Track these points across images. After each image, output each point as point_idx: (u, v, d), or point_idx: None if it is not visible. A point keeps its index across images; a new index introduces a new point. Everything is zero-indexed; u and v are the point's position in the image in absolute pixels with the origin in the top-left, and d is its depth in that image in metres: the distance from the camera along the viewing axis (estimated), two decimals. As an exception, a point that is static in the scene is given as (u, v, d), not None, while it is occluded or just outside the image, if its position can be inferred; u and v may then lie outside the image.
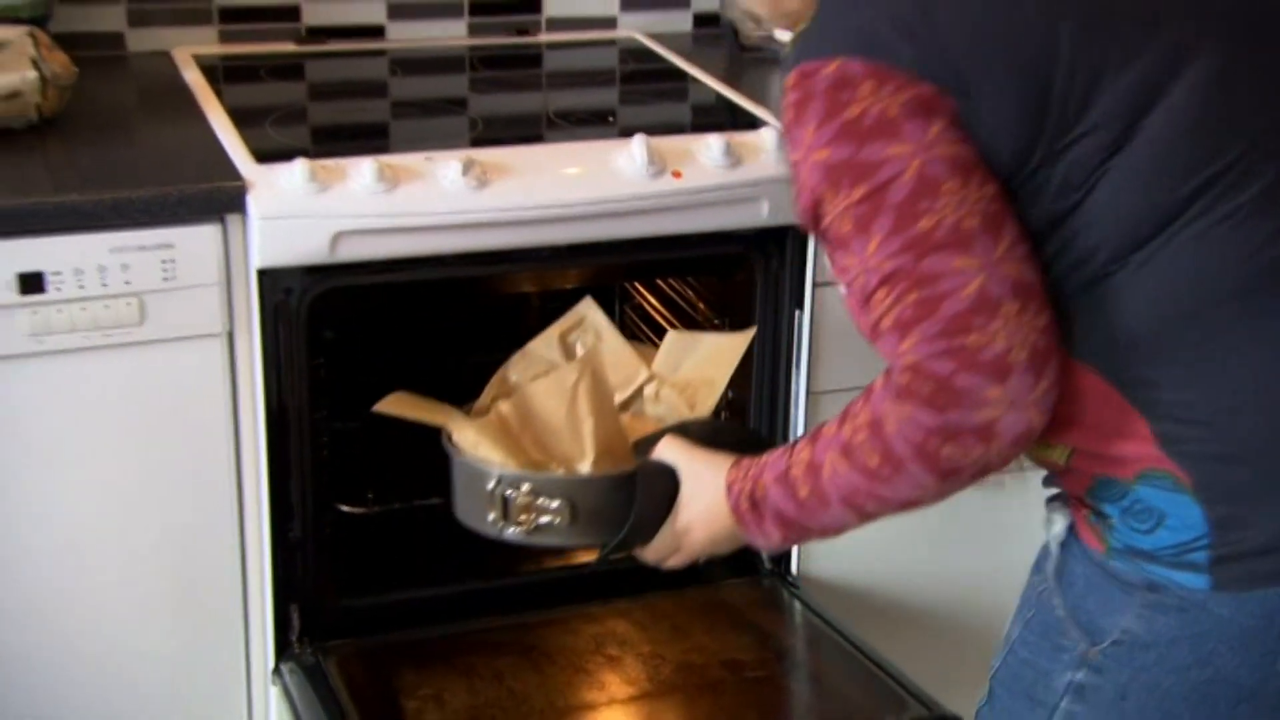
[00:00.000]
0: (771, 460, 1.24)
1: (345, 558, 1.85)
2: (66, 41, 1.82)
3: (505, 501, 1.35)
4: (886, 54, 1.10)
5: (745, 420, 1.79)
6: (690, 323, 1.88)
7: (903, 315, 1.08)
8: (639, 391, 1.63)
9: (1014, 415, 1.07)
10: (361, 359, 1.77)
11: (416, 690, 1.70)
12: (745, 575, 1.92)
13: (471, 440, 1.42)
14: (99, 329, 1.57)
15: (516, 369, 1.62)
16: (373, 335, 1.80)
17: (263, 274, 1.59)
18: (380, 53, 2.21)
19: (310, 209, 1.57)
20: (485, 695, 1.70)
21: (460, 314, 1.87)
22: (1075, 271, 1.12)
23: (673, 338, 1.69)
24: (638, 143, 1.66)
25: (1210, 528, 1.13)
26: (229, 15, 2.12)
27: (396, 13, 2.22)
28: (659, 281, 2.04)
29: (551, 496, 1.34)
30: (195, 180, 1.60)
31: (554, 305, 2.10)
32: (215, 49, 2.11)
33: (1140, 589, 1.19)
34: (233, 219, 1.58)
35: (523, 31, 2.28)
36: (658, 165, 1.69)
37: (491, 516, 1.36)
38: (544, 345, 1.66)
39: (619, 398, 1.66)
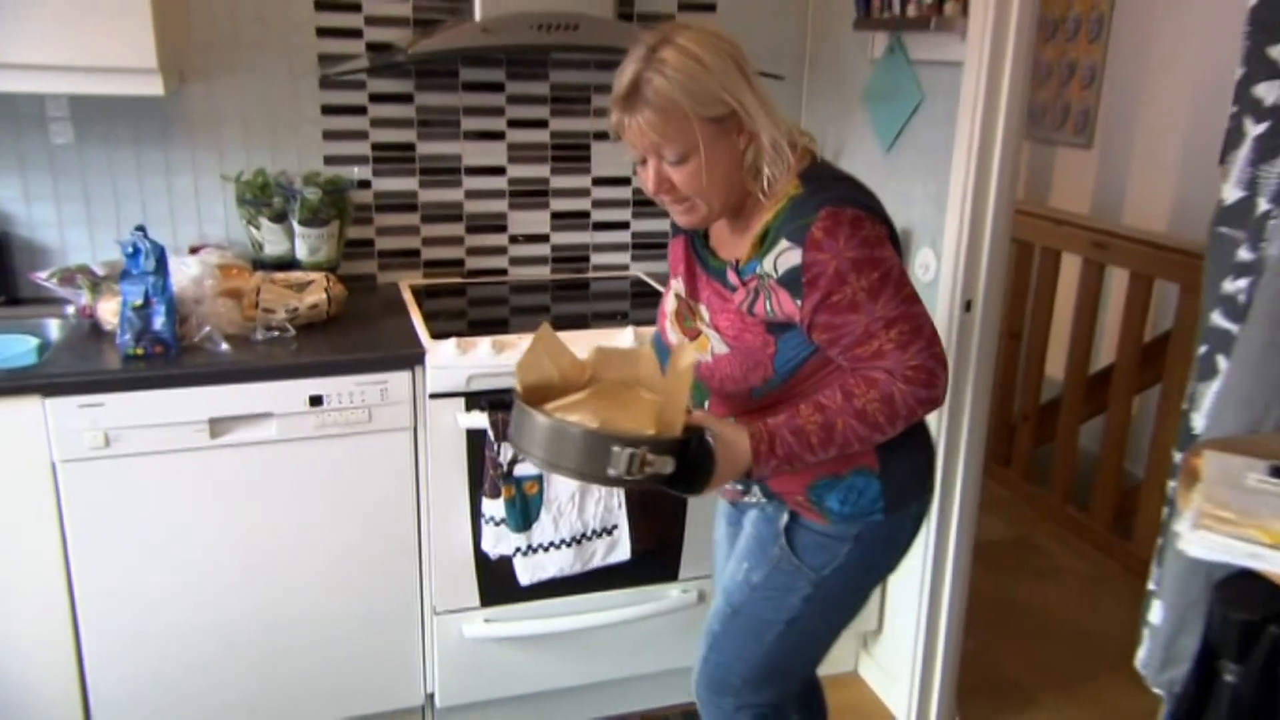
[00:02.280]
0: (782, 420, 1.42)
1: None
2: (344, 278, 2.38)
3: (630, 458, 1.39)
4: (869, 210, 1.42)
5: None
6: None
7: (903, 339, 1.37)
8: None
9: (944, 393, 1.41)
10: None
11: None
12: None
13: (590, 417, 1.44)
14: (347, 424, 2.03)
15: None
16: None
17: (432, 396, 2.06)
18: (504, 283, 2.68)
19: (457, 364, 2.06)
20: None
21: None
22: None
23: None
24: (632, 331, 2.17)
25: (883, 488, 1.49)
26: (429, 264, 2.65)
27: (514, 262, 2.73)
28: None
29: (660, 453, 1.42)
30: (399, 348, 2.08)
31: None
32: (420, 281, 2.63)
33: (849, 540, 1.51)
34: (418, 368, 2.05)
35: (579, 272, 2.77)
36: (644, 343, 1.97)
37: (613, 473, 1.40)
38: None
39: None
